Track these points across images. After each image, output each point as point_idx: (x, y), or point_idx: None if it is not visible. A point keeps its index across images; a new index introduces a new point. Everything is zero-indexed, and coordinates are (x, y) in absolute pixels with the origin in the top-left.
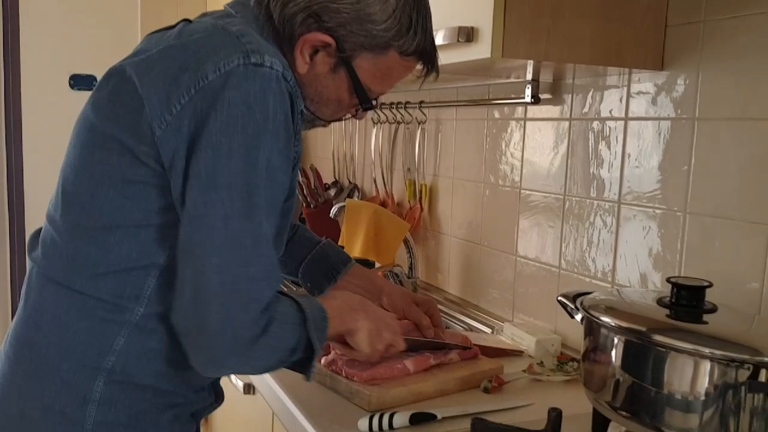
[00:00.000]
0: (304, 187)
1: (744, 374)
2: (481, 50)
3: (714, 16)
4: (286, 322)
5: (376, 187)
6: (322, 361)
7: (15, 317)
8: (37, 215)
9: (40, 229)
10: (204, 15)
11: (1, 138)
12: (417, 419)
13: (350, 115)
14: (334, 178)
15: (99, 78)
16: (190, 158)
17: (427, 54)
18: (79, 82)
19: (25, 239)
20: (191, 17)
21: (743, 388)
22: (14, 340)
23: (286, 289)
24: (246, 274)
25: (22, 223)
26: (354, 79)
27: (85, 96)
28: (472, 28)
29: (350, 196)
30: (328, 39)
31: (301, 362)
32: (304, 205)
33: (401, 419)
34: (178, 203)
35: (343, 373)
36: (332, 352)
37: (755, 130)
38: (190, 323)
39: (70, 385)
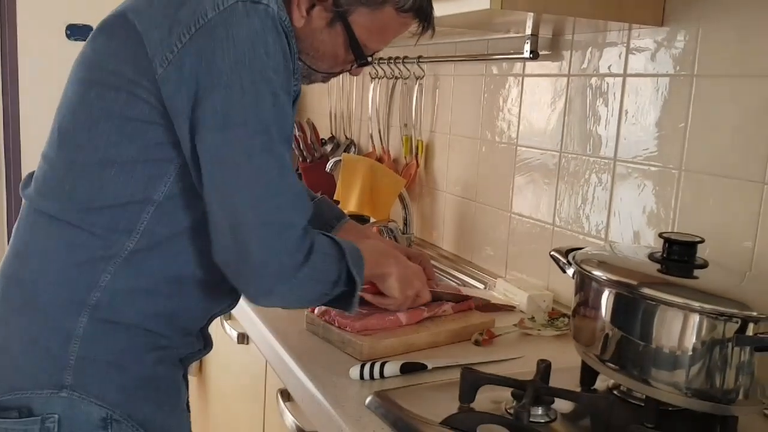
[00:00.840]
0: (300, 141)
1: (732, 328)
2: (480, 1)
3: None
4: (325, 254)
5: (372, 142)
6: (315, 311)
7: (5, 254)
8: (33, 161)
9: (33, 172)
10: None
11: None
12: (408, 369)
13: (346, 70)
14: (331, 133)
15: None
16: (198, 98)
17: (423, 11)
18: (75, 32)
19: None
20: None
21: (730, 342)
22: (2, 277)
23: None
24: (277, 205)
25: (19, 170)
26: (350, 35)
27: (81, 46)
28: None
29: (347, 151)
30: None
31: (343, 296)
32: (300, 159)
33: (392, 368)
34: (185, 142)
35: (336, 323)
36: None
37: (753, 86)
38: (234, 259)
39: (55, 320)
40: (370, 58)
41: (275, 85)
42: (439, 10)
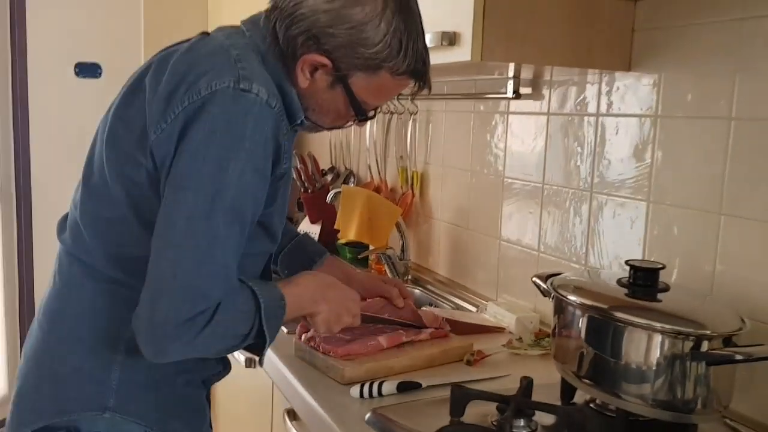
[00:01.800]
0: (301, 172)
1: (689, 345)
2: (462, 53)
3: (676, 22)
4: (237, 311)
5: (370, 173)
6: (302, 337)
7: (47, 291)
8: (44, 199)
9: (67, 214)
10: (221, 29)
11: (8, 124)
12: (404, 387)
13: (351, 123)
14: (331, 164)
15: (103, 66)
16: (173, 161)
17: (418, 73)
18: (84, 70)
19: (32, 222)
20: (192, 12)
21: (688, 358)
22: (47, 311)
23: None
24: (198, 272)
25: (29, 206)
26: (350, 95)
27: (89, 83)
28: (455, 32)
29: (346, 181)
30: (325, 60)
31: (255, 346)
32: (302, 189)
33: (389, 387)
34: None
35: (321, 349)
36: (311, 329)
37: (707, 127)
38: (141, 311)
39: (96, 351)
40: (372, 113)
41: (242, 164)
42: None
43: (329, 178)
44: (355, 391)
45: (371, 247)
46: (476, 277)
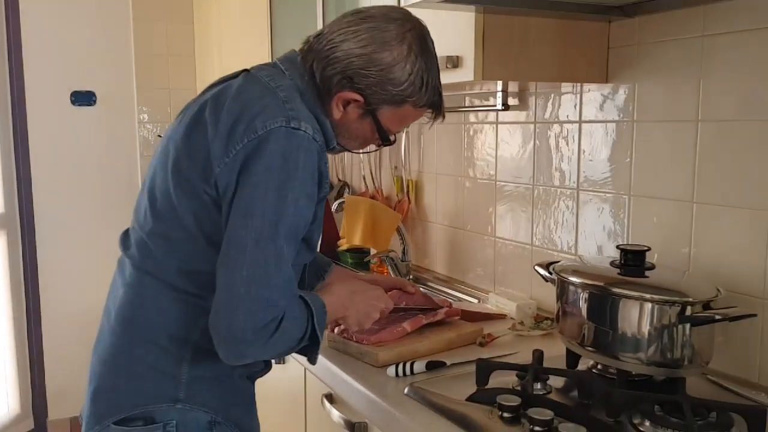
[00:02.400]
0: None
1: (675, 311)
2: (465, 74)
3: (645, 39)
4: (296, 318)
5: (365, 183)
6: (335, 330)
7: (118, 300)
8: (45, 222)
9: (127, 230)
10: (262, 68)
11: (10, 151)
12: (432, 366)
13: (375, 147)
14: None
15: (97, 94)
16: (236, 190)
17: (435, 104)
18: (79, 98)
19: (35, 245)
20: (180, 42)
21: (675, 322)
22: (120, 318)
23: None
24: (268, 284)
25: (32, 229)
26: (377, 124)
27: (85, 111)
28: (458, 56)
29: (341, 192)
30: (358, 96)
31: (307, 348)
32: None
33: (419, 366)
34: (223, 223)
35: (354, 338)
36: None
37: (679, 129)
38: (221, 321)
39: (168, 351)
40: (393, 137)
41: (297, 193)
42: None
43: None
44: (391, 370)
45: (373, 251)
46: (474, 273)
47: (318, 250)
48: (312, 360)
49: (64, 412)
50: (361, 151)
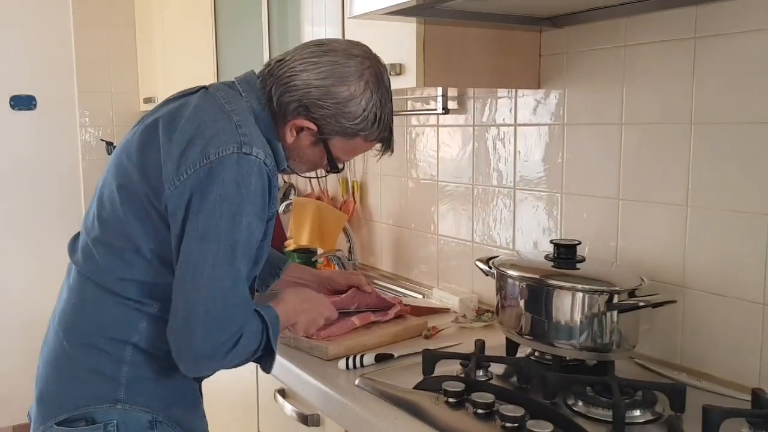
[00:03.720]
0: None
1: (604, 299)
2: (408, 81)
3: (573, 48)
4: (252, 332)
5: (311, 185)
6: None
7: (62, 303)
8: None
9: (76, 235)
10: (220, 88)
11: None
12: (380, 358)
13: (324, 173)
14: None
15: (38, 98)
16: (188, 213)
17: (385, 140)
18: (19, 102)
19: None
20: (121, 46)
21: (604, 309)
22: (62, 321)
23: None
24: (225, 306)
25: None
26: (328, 153)
27: (25, 115)
28: (401, 64)
29: (286, 194)
30: (312, 125)
31: (261, 358)
32: None
33: (368, 359)
34: (174, 241)
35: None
36: None
37: (605, 131)
38: (180, 341)
39: (107, 354)
40: (341, 165)
41: (250, 216)
42: None
43: None
44: (342, 363)
45: (320, 251)
46: (418, 270)
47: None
48: (267, 369)
49: (5, 420)
50: (308, 175)
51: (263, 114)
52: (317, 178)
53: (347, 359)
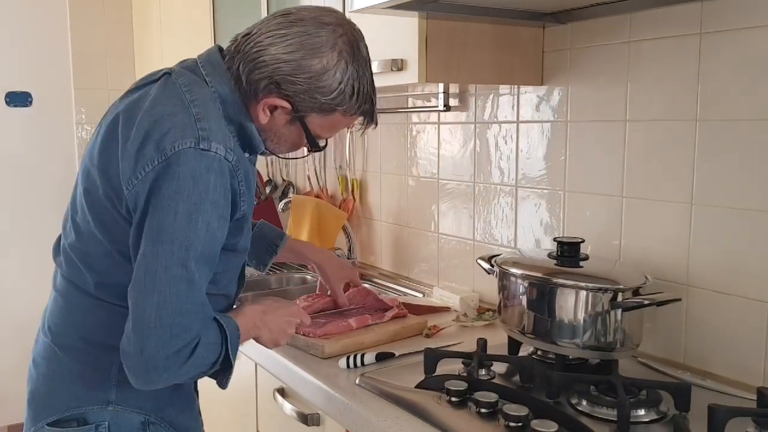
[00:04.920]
0: None
1: (608, 298)
2: (409, 76)
3: (577, 44)
4: (210, 343)
5: (309, 182)
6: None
7: (49, 305)
8: None
9: (60, 237)
10: (182, 74)
11: None
12: (381, 357)
13: (307, 151)
14: (268, 176)
15: (33, 95)
16: (145, 213)
17: (367, 112)
18: (14, 99)
19: None
20: (119, 42)
21: (608, 308)
22: (51, 323)
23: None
24: (180, 311)
25: None
26: (306, 131)
27: (20, 112)
28: (402, 59)
29: (285, 192)
30: (285, 103)
31: (218, 372)
32: None
33: (369, 357)
34: (133, 242)
35: (301, 332)
36: None
37: (609, 128)
38: (132, 347)
39: (97, 357)
40: (323, 142)
41: (208, 216)
42: (381, 81)
43: (268, 189)
44: (342, 362)
45: None
46: (418, 268)
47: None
48: (223, 385)
49: (1, 419)
50: (290, 156)
51: (232, 96)
52: (302, 158)
53: (348, 358)
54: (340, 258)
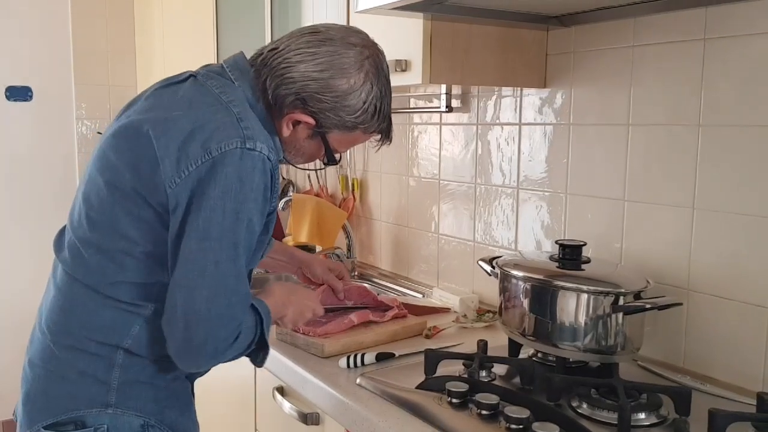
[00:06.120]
0: None
1: (609, 301)
2: (414, 77)
3: (580, 48)
4: (249, 327)
5: (310, 181)
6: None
7: (49, 304)
8: None
9: (63, 230)
10: (209, 76)
11: None
12: (381, 357)
13: (322, 164)
14: None
15: (34, 89)
16: (189, 210)
17: (385, 131)
18: (14, 93)
19: None
20: (120, 38)
21: (609, 311)
22: (50, 322)
23: None
24: (228, 303)
25: None
26: (326, 145)
27: (20, 106)
28: (406, 60)
29: (285, 190)
30: (310, 119)
31: (253, 352)
32: None
33: (369, 357)
34: (172, 238)
35: (301, 330)
36: None
37: (612, 132)
38: (179, 337)
39: (99, 357)
40: (338, 156)
41: (251, 213)
42: None
43: None
44: (342, 362)
45: (319, 248)
46: (418, 269)
47: None
48: (259, 363)
49: None
50: (303, 167)
51: (258, 105)
52: (315, 170)
53: (348, 358)
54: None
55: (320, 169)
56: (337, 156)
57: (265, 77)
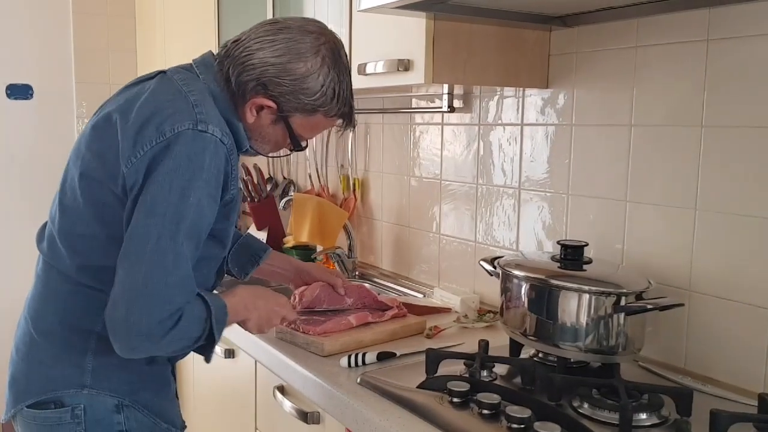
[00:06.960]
0: (248, 183)
1: (611, 302)
2: (416, 77)
3: (583, 48)
4: (194, 317)
5: (311, 181)
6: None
7: (30, 292)
8: None
9: (45, 224)
10: (178, 71)
11: None
12: (382, 357)
13: (288, 151)
14: (269, 174)
15: (35, 87)
16: (141, 189)
17: (346, 115)
18: (15, 91)
19: None
20: (121, 37)
21: (611, 312)
22: (30, 309)
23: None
24: (165, 282)
25: None
26: (289, 130)
27: (21, 104)
28: (409, 60)
29: (286, 190)
30: (271, 103)
31: (203, 348)
32: (249, 200)
33: (371, 357)
34: (126, 217)
35: (301, 329)
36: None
37: (614, 133)
38: (117, 313)
39: (71, 342)
40: (304, 143)
41: (200, 193)
42: (386, 81)
43: (268, 187)
44: (343, 361)
45: (320, 248)
46: (419, 269)
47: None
48: (207, 359)
49: None
50: (272, 155)
51: (222, 95)
52: (281, 157)
53: (349, 357)
54: None
55: (287, 155)
56: (303, 143)
57: (228, 66)
